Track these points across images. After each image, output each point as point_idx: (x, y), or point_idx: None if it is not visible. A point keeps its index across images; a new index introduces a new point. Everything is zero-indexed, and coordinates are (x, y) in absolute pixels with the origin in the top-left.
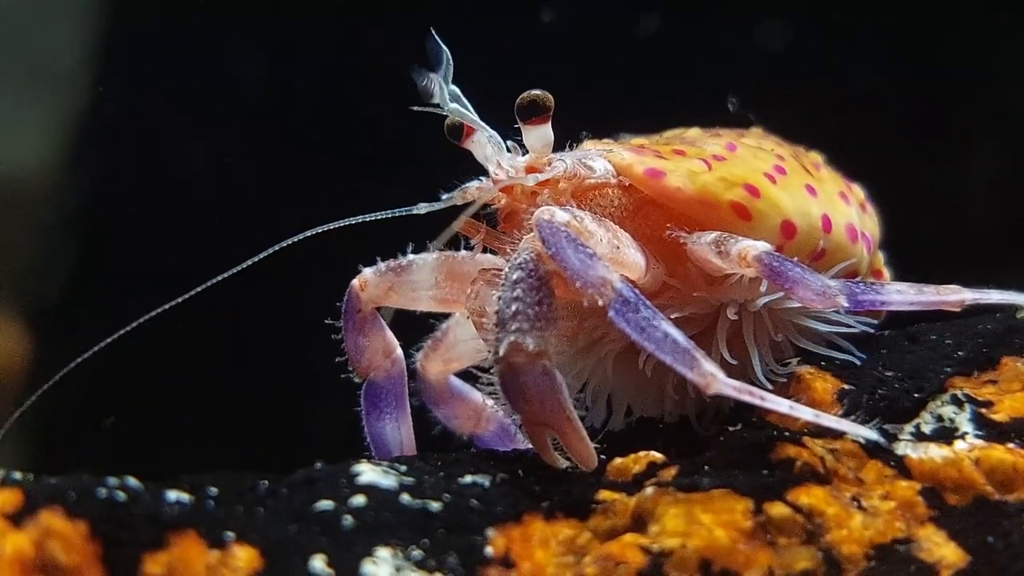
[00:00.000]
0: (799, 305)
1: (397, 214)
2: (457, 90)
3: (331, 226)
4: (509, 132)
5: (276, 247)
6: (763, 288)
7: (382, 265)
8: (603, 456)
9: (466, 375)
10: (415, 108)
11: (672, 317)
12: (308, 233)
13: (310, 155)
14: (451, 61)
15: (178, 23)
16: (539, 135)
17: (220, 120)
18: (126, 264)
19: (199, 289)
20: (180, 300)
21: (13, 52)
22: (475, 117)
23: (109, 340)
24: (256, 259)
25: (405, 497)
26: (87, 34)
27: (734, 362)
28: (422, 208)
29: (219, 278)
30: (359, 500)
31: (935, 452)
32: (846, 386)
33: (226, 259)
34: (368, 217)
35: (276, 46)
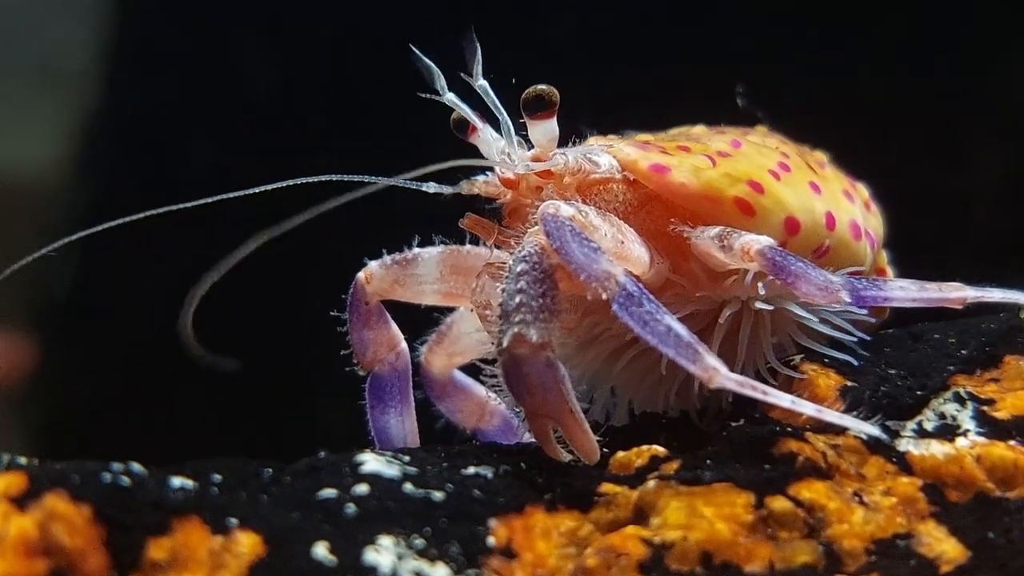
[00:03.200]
0: (801, 301)
1: (405, 184)
2: (486, 84)
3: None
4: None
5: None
6: (765, 284)
7: (388, 258)
8: (606, 450)
9: (470, 370)
10: (420, 95)
11: (675, 315)
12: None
13: (320, 155)
14: (479, 55)
15: (188, 22)
16: (544, 130)
17: (230, 120)
18: (133, 264)
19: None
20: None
21: (23, 51)
22: (493, 103)
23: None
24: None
25: (408, 486)
26: (97, 33)
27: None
28: (431, 187)
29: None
30: (362, 488)
31: (937, 449)
32: (849, 383)
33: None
34: (375, 181)
35: (286, 43)
